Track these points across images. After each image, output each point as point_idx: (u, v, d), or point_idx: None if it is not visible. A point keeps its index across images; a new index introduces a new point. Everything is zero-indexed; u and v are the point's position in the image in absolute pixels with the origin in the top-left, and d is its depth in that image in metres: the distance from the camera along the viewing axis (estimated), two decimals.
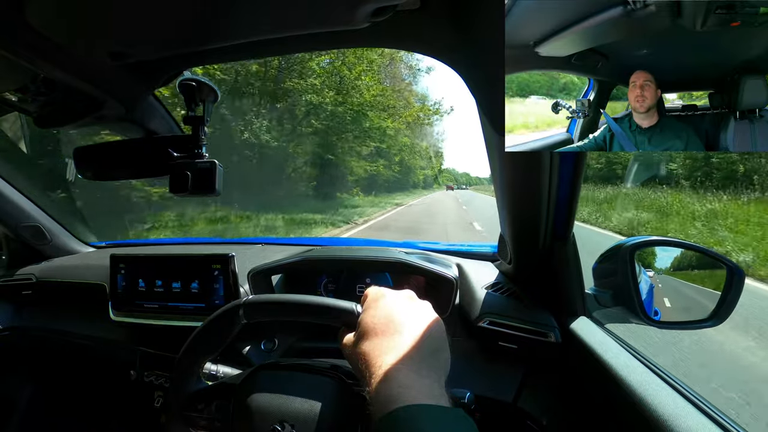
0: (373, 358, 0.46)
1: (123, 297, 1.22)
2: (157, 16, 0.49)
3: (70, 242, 1.70)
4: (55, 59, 0.55)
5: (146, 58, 0.60)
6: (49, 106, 0.67)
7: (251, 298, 0.68)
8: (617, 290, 0.88)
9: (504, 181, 0.78)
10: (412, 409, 0.38)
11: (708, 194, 12.50)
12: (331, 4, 0.46)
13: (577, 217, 0.83)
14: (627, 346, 0.76)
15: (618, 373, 0.66)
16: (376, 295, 0.56)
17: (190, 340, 0.70)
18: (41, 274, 1.51)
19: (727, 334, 3.33)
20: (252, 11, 0.48)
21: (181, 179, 0.64)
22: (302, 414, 0.61)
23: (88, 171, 0.75)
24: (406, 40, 0.61)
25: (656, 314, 0.86)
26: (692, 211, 11.30)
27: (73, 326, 1.40)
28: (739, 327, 3.44)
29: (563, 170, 0.70)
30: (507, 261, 1.03)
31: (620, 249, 0.87)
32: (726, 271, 0.80)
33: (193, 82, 0.62)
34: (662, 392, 0.59)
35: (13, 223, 1.53)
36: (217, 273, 1.14)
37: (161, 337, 1.22)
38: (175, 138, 0.71)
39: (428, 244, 1.43)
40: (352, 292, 1.23)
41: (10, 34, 0.49)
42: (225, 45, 0.57)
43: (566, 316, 0.89)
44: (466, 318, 1.00)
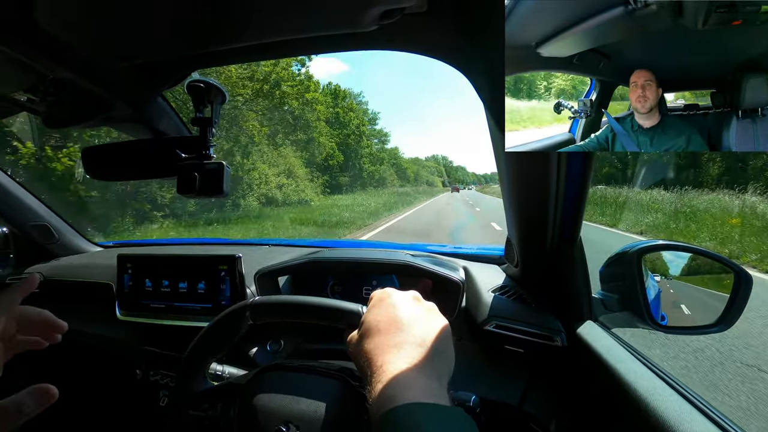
0: (375, 356, 0.46)
1: (130, 296, 1.23)
2: (165, 17, 0.49)
3: (77, 241, 1.72)
4: (63, 60, 0.55)
5: (154, 60, 0.61)
6: (57, 107, 0.68)
7: (258, 299, 0.68)
8: (624, 294, 0.87)
9: (511, 183, 0.77)
10: (410, 408, 0.38)
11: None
12: (339, 7, 0.47)
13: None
14: (634, 351, 0.76)
15: (624, 378, 0.66)
16: (381, 295, 0.56)
17: (196, 340, 0.70)
18: (49, 273, 1.52)
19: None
20: (260, 14, 0.48)
21: (188, 180, 0.65)
22: (307, 415, 0.61)
23: (97, 171, 0.76)
24: (413, 43, 0.61)
25: (663, 319, 0.85)
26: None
27: (80, 325, 1.41)
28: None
29: (571, 171, 0.70)
30: (514, 264, 1.03)
31: (627, 253, 0.86)
32: (733, 275, 0.79)
33: (201, 83, 0.62)
34: (669, 398, 0.59)
35: (22, 222, 1.55)
36: (223, 274, 1.14)
37: (167, 336, 1.22)
38: (183, 139, 0.72)
39: (435, 246, 1.43)
40: (358, 294, 1.22)
41: (19, 35, 0.49)
42: (233, 47, 0.57)
43: (573, 320, 0.88)
44: (472, 321, 1.00)
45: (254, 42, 0.57)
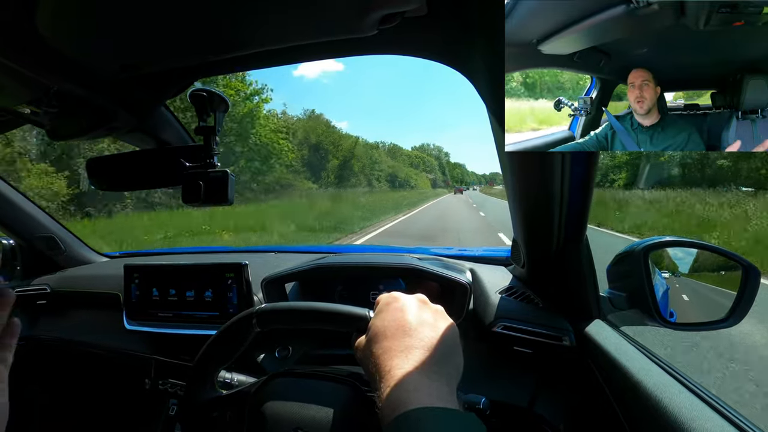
0: (383, 361, 0.46)
1: (137, 306, 1.23)
2: (167, 28, 0.49)
3: (83, 252, 1.73)
4: (66, 72, 0.56)
5: (157, 70, 0.61)
6: (61, 119, 0.68)
7: (264, 306, 0.68)
8: (632, 292, 0.87)
9: (515, 183, 0.77)
10: (420, 413, 0.38)
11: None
12: (339, 12, 0.47)
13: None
14: (643, 349, 0.75)
15: (634, 377, 0.65)
16: (388, 300, 0.56)
17: (204, 348, 0.70)
18: (55, 284, 1.53)
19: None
20: (261, 22, 0.49)
21: (194, 189, 0.65)
22: (317, 421, 0.61)
23: (102, 182, 0.76)
24: (413, 47, 0.61)
25: (672, 316, 0.84)
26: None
27: (88, 336, 1.42)
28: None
29: (575, 171, 0.70)
30: (520, 265, 1.03)
31: (634, 250, 0.86)
32: (741, 270, 0.79)
33: (203, 92, 0.62)
34: (680, 395, 0.58)
35: (28, 233, 1.56)
36: (230, 281, 1.14)
37: (175, 345, 1.22)
38: (188, 148, 0.72)
39: (441, 249, 1.43)
40: (365, 299, 1.22)
41: (21, 47, 0.49)
42: (234, 56, 0.58)
43: (581, 319, 0.88)
44: (480, 323, 1.00)
45: (256, 50, 0.57)
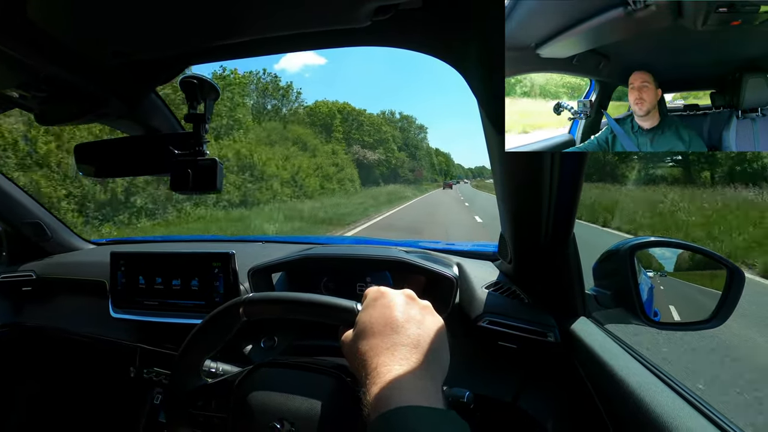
0: (369, 357, 0.46)
1: (123, 294, 1.23)
2: (158, 14, 0.49)
3: (70, 239, 1.71)
4: (56, 57, 0.55)
5: (147, 57, 0.60)
6: (50, 104, 0.67)
7: (251, 295, 0.68)
8: (617, 291, 0.88)
9: (505, 180, 0.77)
10: (404, 411, 0.38)
11: None
12: (333, 3, 0.46)
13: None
14: (627, 347, 0.76)
15: (617, 374, 0.66)
16: (376, 295, 0.56)
17: (190, 337, 0.70)
18: (41, 271, 1.51)
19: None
20: (254, 10, 0.48)
21: (182, 177, 0.64)
22: (302, 412, 0.61)
23: (90, 168, 0.75)
24: (407, 39, 0.61)
25: (656, 315, 0.85)
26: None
27: (73, 323, 1.41)
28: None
29: (564, 170, 0.70)
30: (507, 260, 1.03)
31: (620, 249, 0.87)
32: (726, 272, 0.80)
33: (194, 79, 0.61)
34: (662, 394, 0.59)
35: (15, 219, 1.53)
36: (217, 271, 1.14)
37: (161, 334, 1.22)
38: (177, 135, 0.71)
39: (429, 243, 1.43)
40: (352, 291, 1.22)
41: (11, 31, 0.49)
42: (227, 43, 0.57)
43: (566, 316, 0.89)
44: (465, 317, 1.00)
45: (248, 38, 0.56)
